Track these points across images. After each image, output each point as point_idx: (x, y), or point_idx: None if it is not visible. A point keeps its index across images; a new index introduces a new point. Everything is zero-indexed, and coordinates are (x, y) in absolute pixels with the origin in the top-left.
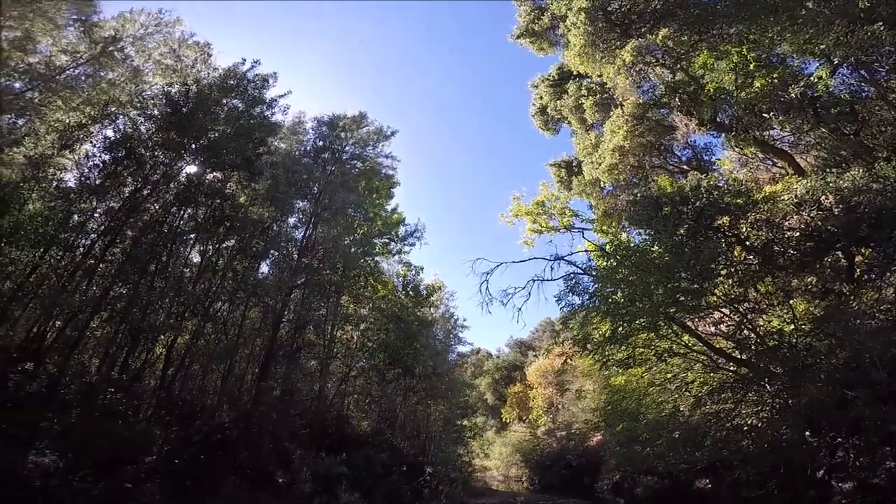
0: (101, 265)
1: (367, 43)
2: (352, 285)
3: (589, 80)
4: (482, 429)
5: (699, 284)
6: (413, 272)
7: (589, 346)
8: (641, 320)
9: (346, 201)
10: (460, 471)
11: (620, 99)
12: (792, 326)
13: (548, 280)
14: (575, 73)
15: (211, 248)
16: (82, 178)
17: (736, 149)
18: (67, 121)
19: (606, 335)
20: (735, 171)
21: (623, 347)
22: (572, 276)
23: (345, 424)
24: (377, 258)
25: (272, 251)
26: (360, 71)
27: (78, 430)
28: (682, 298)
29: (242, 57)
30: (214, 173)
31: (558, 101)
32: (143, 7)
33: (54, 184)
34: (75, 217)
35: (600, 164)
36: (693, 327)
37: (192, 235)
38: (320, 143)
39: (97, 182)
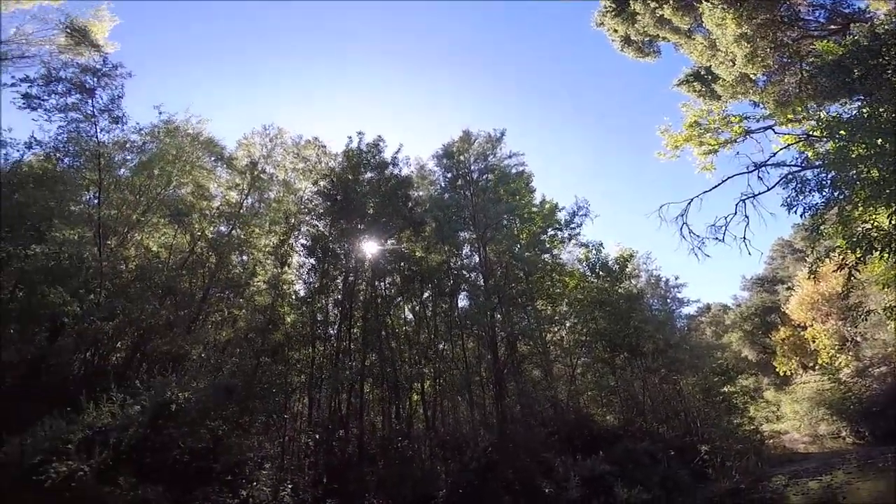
0: (351, 344)
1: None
2: (539, 288)
3: None
4: (756, 390)
5: None
6: (593, 251)
7: (875, 245)
8: None
9: (497, 213)
10: (747, 441)
11: None
12: None
13: (760, 194)
14: None
15: (414, 302)
16: (307, 285)
17: None
18: (272, 243)
19: (893, 223)
20: None
21: None
22: (791, 176)
23: (589, 423)
24: (553, 252)
25: (462, 284)
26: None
27: (386, 477)
28: None
29: (348, 136)
30: (388, 241)
31: (636, 25)
32: (251, 129)
33: (293, 297)
34: (318, 316)
35: (734, 61)
36: None
37: (399, 298)
38: (449, 175)
39: (317, 285)
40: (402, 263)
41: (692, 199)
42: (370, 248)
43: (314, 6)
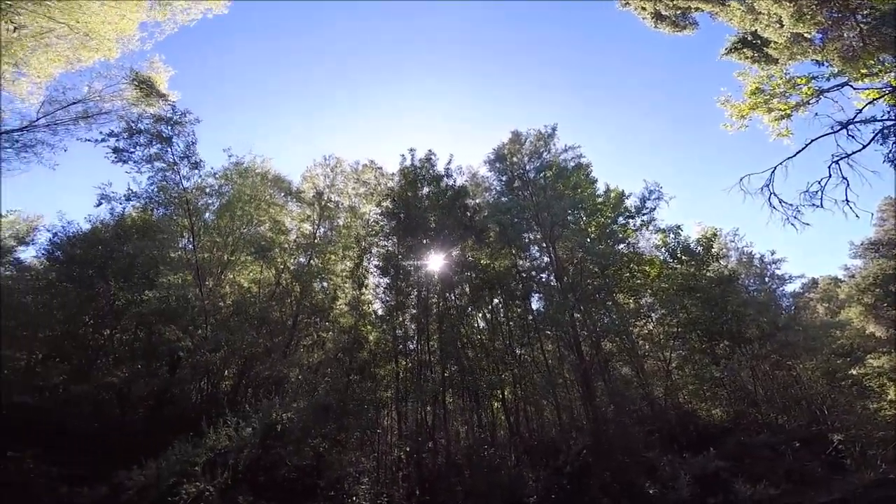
0: (430, 357)
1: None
2: (618, 281)
3: None
4: (894, 370)
5: None
6: (671, 235)
7: None
8: None
9: (561, 209)
10: (891, 427)
11: None
12: None
13: (855, 153)
14: None
15: (486, 310)
16: (384, 303)
17: None
18: (347, 267)
19: None
20: None
21: None
22: (887, 131)
23: (693, 418)
24: (627, 241)
25: (533, 286)
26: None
27: (475, 486)
28: None
29: (401, 154)
30: (453, 252)
31: (663, 0)
32: (313, 160)
33: (373, 315)
34: (398, 332)
35: (781, 22)
36: None
37: (470, 308)
38: (504, 179)
39: (393, 302)
40: (469, 273)
41: (776, 167)
42: (437, 261)
43: (345, 16)
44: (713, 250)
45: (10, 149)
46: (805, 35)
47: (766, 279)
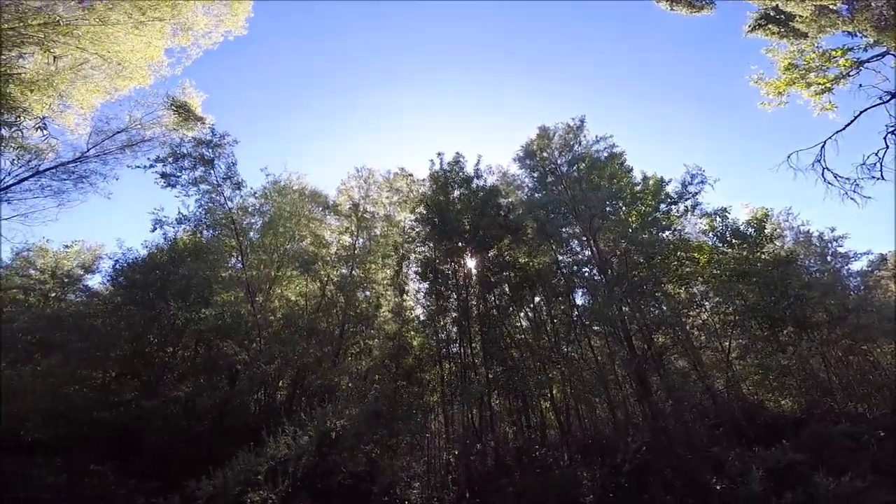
0: (474, 359)
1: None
2: (666, 270)
3: None
4: None
5: None
6: (718, 219)
7: None
8: None
9: (599, 201)
10: None
11: None
12: None
13: None
14: None
15: (528, 309)
16: (425, 308)
17: None
18: (388, 275)
19: None
20: None
21: None
22: None
23: (760, 410)
24: (672, 228)
25: (576, 281)
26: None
27: (526, 487)
28: None
29: (430, 159)
30: (489, 252)
31: None
32: (347, 173)
33: (416, 321)
34: (440, 335)
35: None
36: None
37: (511, 307)
38: (536, 175)
39: (434, 307)
40: (507, 272)
41: (825, 142)
42: (474, 262)
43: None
44: (766, 231)
45: (67, 180)
46: (830, 7)
47: (829, 258)
